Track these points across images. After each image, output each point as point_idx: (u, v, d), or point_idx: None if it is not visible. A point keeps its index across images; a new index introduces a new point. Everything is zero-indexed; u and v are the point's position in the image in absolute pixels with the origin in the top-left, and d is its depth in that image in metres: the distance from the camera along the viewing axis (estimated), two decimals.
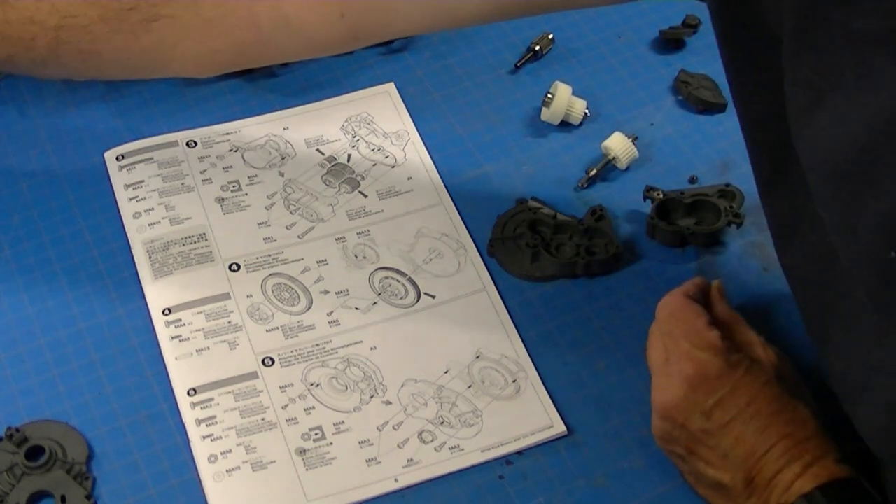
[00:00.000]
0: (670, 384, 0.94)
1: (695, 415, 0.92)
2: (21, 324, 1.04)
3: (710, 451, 0.92)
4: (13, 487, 0.94)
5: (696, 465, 0.93)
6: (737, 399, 0.92)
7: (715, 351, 0.93)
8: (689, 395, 0.92)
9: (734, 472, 0.90)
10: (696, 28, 1.26)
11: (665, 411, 0.93)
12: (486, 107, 1.21)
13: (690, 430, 0.92)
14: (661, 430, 0.95)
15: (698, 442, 0.92)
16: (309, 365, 1.02)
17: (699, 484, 0.94)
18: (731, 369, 0.92)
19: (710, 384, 0.92)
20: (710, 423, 0.91)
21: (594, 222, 1.10)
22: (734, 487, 0.90)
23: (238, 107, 1.19)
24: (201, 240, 1.09)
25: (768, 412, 0.91)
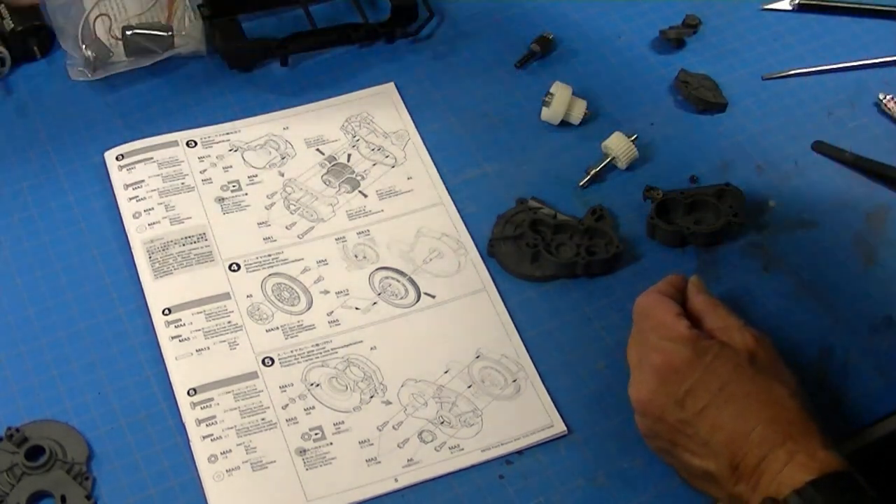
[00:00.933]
0: (643, 379, 0.94)
1: (669, 406, 0.92)
2: (21, 324, 1.04)
3: (691, 441, 0.92)
4: (13, 487, 0.95)
5: (681, 457, 0.93)
6: (708, 385, 0.92)
7: (683, 340, 0.93)
8: (660, 387, 0.93)
9: (718, 459, 0.90)
10: (696, 28, 1.26)
11: (641, 406, 0.94)
12: (486, 107, 1.21)
13: (668, 422, 0.92)
14: (644, 427, 0.95)
15: (679, 433, 0.92)
16: (309, 365, 1.02)
17: (690, 476, 0.94)
18: (698, 356, 0.93)
19: (678, 374, 0.92)
20: (685, 412, 0.91)
21: (594, 222, 1.10)
22: (721, 475, 0.90)
23: (238, 107, 1.19)
24: (201, 240, 1.09)
25: (742, 395, 0.91)
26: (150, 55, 1.20)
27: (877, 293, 1.09)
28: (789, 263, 1.10)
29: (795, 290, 1.08)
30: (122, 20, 1.21)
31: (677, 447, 0.93)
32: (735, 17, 1.29)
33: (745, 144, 1.19)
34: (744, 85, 1.23)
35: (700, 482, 0.94)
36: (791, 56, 1.26)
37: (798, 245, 1.12)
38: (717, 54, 1.26)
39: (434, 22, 1.26)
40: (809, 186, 1.16)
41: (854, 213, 1.14)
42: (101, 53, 1.19)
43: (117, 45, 1.20)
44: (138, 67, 1.20)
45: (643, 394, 0.94)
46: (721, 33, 1.27)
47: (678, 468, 0.95)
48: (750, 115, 1.21)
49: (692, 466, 0.93)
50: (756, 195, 1.14)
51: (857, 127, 1.20)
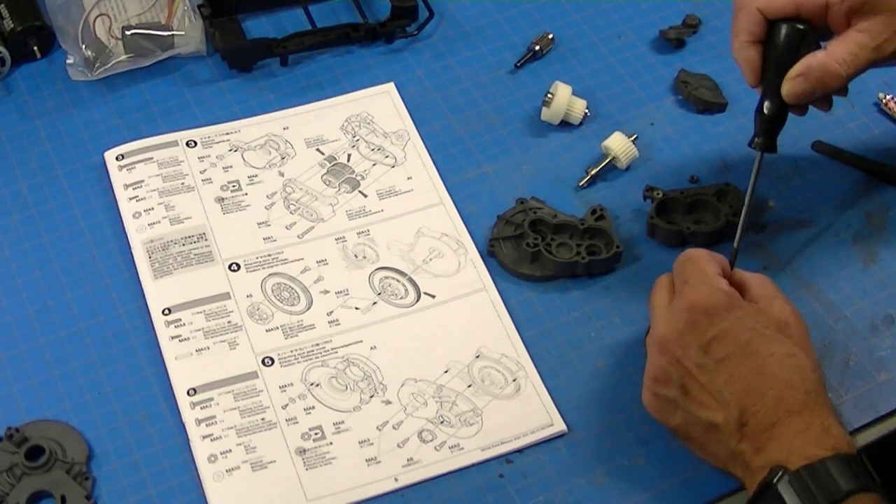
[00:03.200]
0: (671, 318, 0.94)
1: (692, 348, 0.92)
2: (21, 324, 1.04)
3: (702, 390, 0.91)
4: (13, 487, 0.94)
5: (688, 407, 0.92)
6: (735, 336, 0.91)
7: (721, 289, 0.94)
8: (688, 327, 0.92)
9: (727, 411, 0.90)
10: (696, 28, 1.26)
11: (663, 344, 0.93)
12: (486, 107, 1.21)
13: (685, 365, 0.92)
14: (657, 369, 0.94)
15: (692, 379, 0.91)
16: (309, 365, 1.02)
17: (692, 430, 0.93)
18: (732, 308, 0.93)
19: (709, 317, 0.92)
20: (707, 357, 0.91)
21: (594, 222, 1.10)
22: (727, 427, 0.90)
23: (238, 107, 1.19)
24: (201, 240, 1.09)
25: (766, 353, 0.91)
26: (150, 55, 1.20)
27: (877, 293, 1.09)
28: (789, 263, 1.10)
29: (795, 290, 1.08)
30: (121, 20, 1.21)
31: (686, 395, 0.92)
32: None
33: (745, 144, 1.18)
34: (744, 85, 1.21)
35: (701, 434, 0.92)
36: None
37: (798, 245, 1.12)
38: (717, 54, 1.26)
39: (434, 22, 1.26)
40: (809, 186, 1.16)
41: (854, 213, 1.14)
42: (101, 53, 1.19)
43: (117, 45, 1.20)
44: (138, 67, 1.20)
45: (669, 331, 0.93)
46: (721, 33, 1.27)
47: (678, 427, 0.94)
48: (750, 115, 1.19)
49: (697, 418, 0.92)
50: (756, 195, 1.14)
51: (857, 127, 1.20)
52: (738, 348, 0.91)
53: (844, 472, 0.85)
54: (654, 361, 0.94)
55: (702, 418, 0.92)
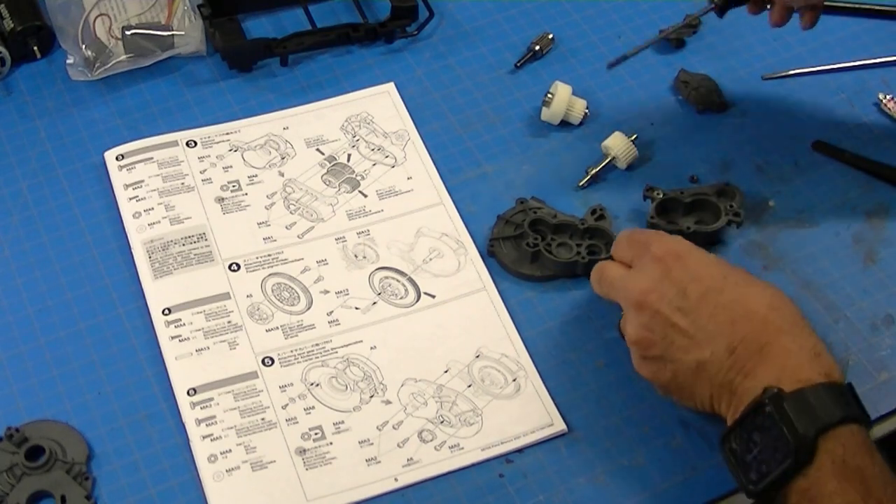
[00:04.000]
0: (642, 274, 0.94)
1: (670, 295, 0.92)
2: (21, 324, 1.04)
3: (686, 335, 0.91)
4: (13, 487, 0.94)
5: (675, 356, 0.92)
6: (711, 273, 0.92)
7: (678, 237, 0.95)
8: (663, 274, 0.93)
9: (714, 343, 0.89)
10: (697, 28, 1.26)
11: (641, 297, 0.93)
12: (486, 107, 1.21)
13: (666, 314, 0.91)
14: (639, 330, 0.93)
15: (674, 327, 0.91)
16: (309, 364, 1.02)
17: (682, 379, 0.92)
18: (701, 250, 0.94)
19: (681, 259, 0.93)
20: (686, 299, 0.91)
21: (594, 222, 1.10)
22: (715, 359, 0.89)
23: (238, 107, 1.19)
24: (201, 240, 1.09)
25: (745, 284, 0.91)
26: (149, 55, 1.20)
27: (877, 292, 1.09)
28: (789, 263, 1.10)
29: (795, 290, 1.08)
30: (121, 20, 1.21)
31: (672, 345, 0.92)
32: (735, 17, 1.28)
33: (745, 144, 1.18)
34: (744, 85, 1.23)
35: (689, 380, 0.92)
36: (791, 56, 1.26)
37: (798, 245, 1.12)
38: (717, 54, 1.26)
39: (434, 22, 1.26)
40: (809, 186, 1.16)
41: (854, 213, 1.14)
42: (101, 53, 1.19)
43: (117, 45, 1.20)
44: (138, 67, 1.20)
45: (644, 285, 0.93)
46: (721, 33, 1.27)
47: (668, 379, 0.94)
48: (750, 115, 1.21)
49: (683, 363, 0.91)
50: (756, 195, 1.14)
51: (857, 127, 1.20)
52: (716, 283, 0.91)
53: (837, 399, 0.85)
54: (635, 322, 0.94)
55: (689, 361, 0.91)
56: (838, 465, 0.82)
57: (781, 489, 0.84)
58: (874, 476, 0.82)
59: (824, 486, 0.82)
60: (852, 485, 0.82)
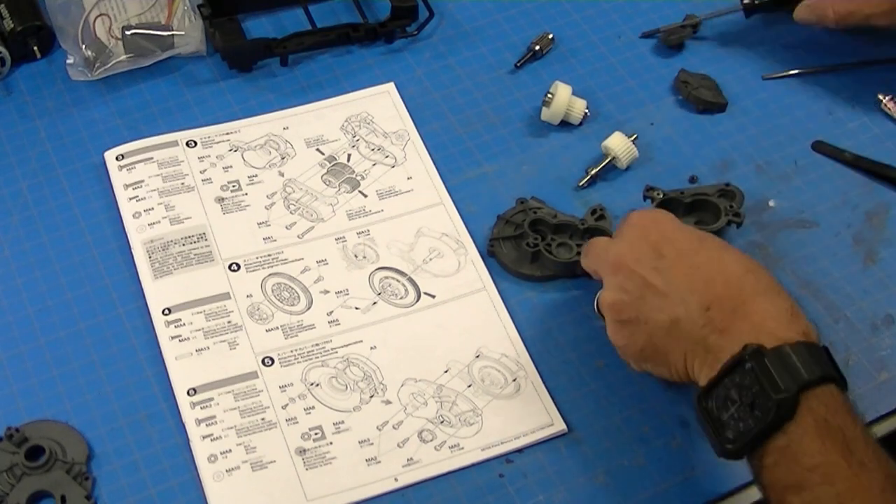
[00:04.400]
0: (621, 239, 0.95)
1: (645, 254, 0.92)
2: (21, 324, 1.04)
3: (660, 293, 0.91)
4: (13, 487, 0.94)
5: (649, 316, 0.92)
6: (686, 236, 0.93)
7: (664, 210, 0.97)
8: (640, 236, 0.94)
9: (688, 302, 0.89)
10: (696, 28, 1.26)
11: (617, 259, 0.94)
12: (486, 107, 1.21)
13: (641, 273, 0.92)
14: (614, 292, 0.94)
15: (649, 287, 0.91)
16: (309, 364, 1.02)
17: (656, 340, 0.92)
18: (677, 219, 0.96)
19: (658, 223, 0.95)
20: (661, 260, 0.92)
21: (594, 222, 1.10)
22: (689, 316, 0.89)
23: (238, 107, 1.19)
24: (201, 240, 1.09)
25: (720, 247, 0.92)
26: (149, 55, 1.20)
27: (877, 292, 1.09)
28: (789, 263, 1.10)
29: (795, 290, 1.08)
30: (121, 20, 1.21)
31: (646, 304, 0.92)
32: (735, 17, 1.29)
33: (745, 144, 1.19)
34: (744, 85, 1.23)
35: (663, 342, 0.91)
36: (791, 56, 1.26)
37: (798, 245, 1.12)
38: (717, 54, 1.26)
39: (434, 22, 1.26)
40: (809, 186, 1.16)
41: (854, 213, 1.14)
42: (101, 53, 1.19)
43: (117, 45, 1.20)
44: (138, 67, 1.20)
45: (621, 248, 0.95)
46: (721, 33, 1.27)
47: (643, 345, 0.93)
48: (750, 115, 1.21)
49: (658, 323, 0.91)
50: (756, 195, 1.14)
51: (857, 127, 1.20)
52: (691, 245, 0.92)
53: (817, 357, 0.84)
54: (610, 284, 0.95)
55: (663, 320, 0.91)
56: (820, 423, 0.82)
57: (757, 448, 0.84)
58: (855, 437, 0.81)
59: (806, 443, 0.81)
60: (834, 444, 0.81)
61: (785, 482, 0.82)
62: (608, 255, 0.96)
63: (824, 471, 0.80)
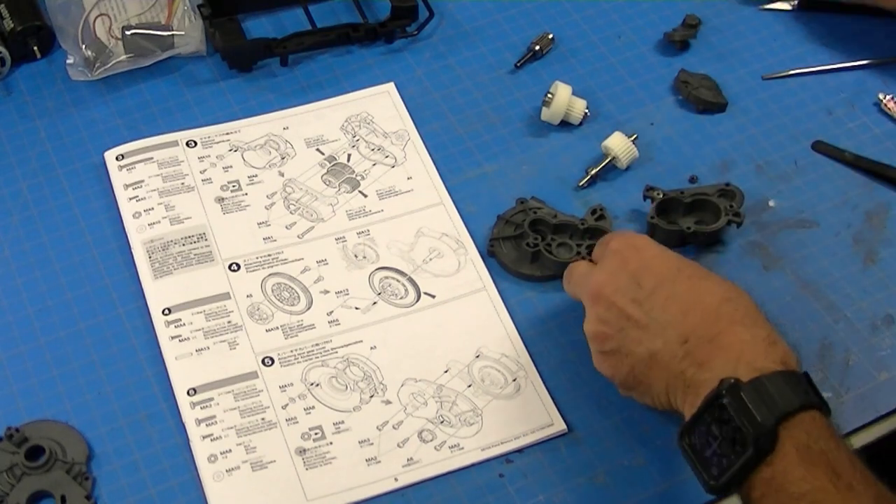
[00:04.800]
0: (601, 268, 0.96)
1: (624, 285, 0.93)
2: (21, 324, 1.04)
3: (639, 325, 0.91)
4: (13, 487, 0.94)
5: (630, 349, 0.92)
6: (666, 262, 0.93)
7: (638, 234, 0.98)
8: (619, 264, 0.94)
9: (666, 334, 0.89)
10: (697, 28, 1.26)
11: (597, 289, 0.94)
12: (486, 107, 1.21)
13: (620, 305, 0.92)
14: (595, 323, 0.94)
15: (628, 319, 0.92)
16: (309, 364, 1.02)
17: (638, 372, 0.92)
18: (655, 243, 0.96)
19: (637, 249, 0.94)
20: (640, 290, 0.92)
21: (594, 222, 1.10)
22: (667, 348, 0.89)
23: (238, 107, 1.19)
24: (201, 240, 1.09)
25: (700, 276, 0.92)
26: (149, 55, 1.20)
27: (877, 292, 1.09)
28: (789, 263, 1.10)
29: (795, 290, 1.08)
30: (121, 20, 1.21)
31: (626, 337, 0.92)
32: (735, 17, 1.29)
33: (745, 144, 1.19)
34: (744, 85, 1.23)
35: (644, 373, 0.92)
36: (791, 56, 1.26)
37: (798, 245, 1.12)
38: (717, 54, 1.26)
39: (434, 22, 1.26)
40: (809, 186, 1.16)
41: (854, 213, 1.14)
42: (101, 53, 1.19)
43: (117, 45, 1.20)
44: (138, 67, 1.20)
45: (600, 277, 0.95)
46: (721, 33, 1.27)
47: (626, 373, 0.94)
48: (750, 115, 1.21)
49: (638, 355, 0.91)
50: (756, 195, 1.14)
51: (857, 127, 1.20)
52: (670, 273, 0.92)
53: (795, 386, 0.84)
54: (591, 315, 0.95)
55: (642, 353, 0.91)
56: (802, 450, 0.81)
57: (744, 482, 0.83)
58: (840, 460, 0.81)
59: (790, 472, 0.81)
60: (819, 469, 0.80)
61: None
62: (588, 284, 0.96)
63: (812, 497, 0.80)
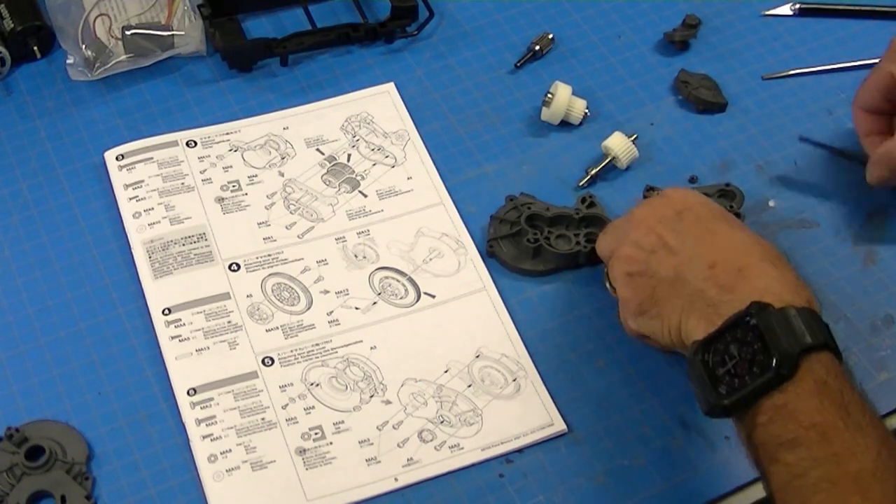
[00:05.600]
0: (647, 203, 1.00)
1: (667, 217, 0.95)
2: (21, 324, 1.04)
3: (671, 251, 0.93)
4: (13, 487, 0.94)
5: (655, 269, 0.94)
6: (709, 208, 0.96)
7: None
8: (664, 202, 0.97)
9: (695, 258, 0.91)
10: (697, 28, 1.26)
11: (640, 217, 0.97)
12: (486, 107, 1.21)
13: (658, 231, 0.95)
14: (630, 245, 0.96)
15: (664, 245, 0.94)
16: (309, 364, 1.02)
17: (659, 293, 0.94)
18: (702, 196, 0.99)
19: (683, 194, 0.98)
20: (681, 222, 0.94)
21: (587, 210, 1.10)
22: (693, 268, 0.91)
23: (238, 107, 1.19)
24: (201, 240, 1.09)
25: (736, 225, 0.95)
26: (149, 55, 1.20)
27: (877, 292, 1.09)
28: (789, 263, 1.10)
29: None
30: (121, 20, 1.21)
31: (654, 259, 0.94)
32: (735, 17, 1.29)
33: (745, 144, 1.19)
34: (744, 85, 1.23)
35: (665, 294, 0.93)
36: (791, 56, 1.26)
37: (798, 245, 1.12)
38: (717, 54, 1.26)
39: (434, 22, 1.26)
40: (809, 186, 1.16)
41: (854, 213, 1.14)
42: (101, 53, 1.19)
43: (117, 45, 1.20)
44: (138, 67, 1.20)
45: (645, 209, 0.98)
46: (721, 33, 1.27)
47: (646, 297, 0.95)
48: (750, 115, 1.21)
49: (662, 277, 0.93)
50: (756, 195, 1.14)
51: None
52: (711, 217, 0.95)
53: (820, 325, 0.85)
54: (628, 239, 0.97)
55: (668, 273, 0.93)
56: (819, 384, 0.82)
57: (751, 405, 0.84)
58: (853, 401, 0.82)
59: (804, 402, 0.82)
60: (832, 405, 0.81)
61: (780, 439, 0.82)
62: (632, 212, 0.99)
63: (821, 429, 0.81)
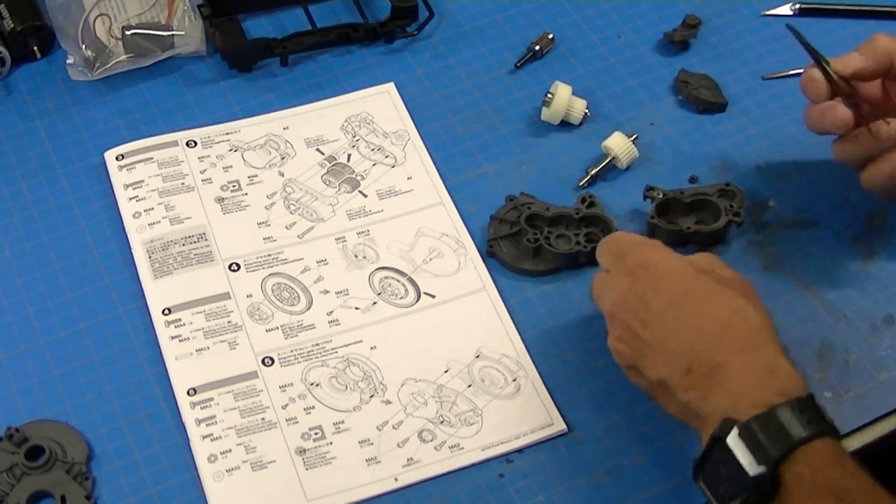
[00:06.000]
0: (615, 281, 0.96)
1: (635, 307, 0.92)
2: (21, 324, 1.04)
3: (651, 350, 0.91)
4: (13, 487, 0.94)
5: (644, 369, 0.92)
6: (673, 283, 0.92)
7: (658, 244, 0.96)
8: (630, 285, 0.94)
9: (671, 364, 0.90)
10: (697, 28, 1.26)
11: (612, 309, 0.95)
12: (486, 107, 1.21)
13: (633, 327, 0.92)
14: (613, 340, 0.95)
15: (641, 341, 0.92)
16: (309, 364, 1.02)
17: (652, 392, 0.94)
18: (668, 257, 0.95)
19: (647, 270, 0.94)
20: (648, 312, 0.91)
21: (587, 209, 1.10)
22: (672, 379, 0.89)
23: (238, 107, 1.19)
24: (201, 240, 1.09)
25: (705, 296, 0.91)
26: (149, 55, 1.20)
27: (877, 292, 1.09)
28: (789, 263, 1.10)
29: (795, 290, 1.08)
30: (121, 20, 1.21)
31: (641, 358, 0.92)
32: (735, 17, 1.29)
33: (745, 144, 1.19)
34: (744, 85, 1.23)
35: (659, 395, 0.93)
36: (791, 56, 1.25)
37: (798, 245, 1.12)
38: (717, 54, 1.26)
39: (434, 22, 1.26)
40: (809, 186, 1.16)
41: (854, 213, 1.14)
42: (101, 53, 1.19)
43: (117, 45, 1.20)
44: (138, 67, 1.20)
45: (614, 295, 0.95)
46: (721, 33, 1.27)
47: (645, 389, 0.95)
48: (750, 115, 1.21)
49: (649, 379, 0.92)
50: (756, 195, 1.14)
51: None
52: (676, 296, 0.91)
53: (795, 418, 0.83)
54: (610, 331, 0.95)
55: (654, 378, 0.92)
56: (807, 485, 0.81)
57: None
58: (849, 488, 0.81)
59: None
60: (827, 502, 0.80)
61: None
62: (603, 300, 0.97)
63: None
